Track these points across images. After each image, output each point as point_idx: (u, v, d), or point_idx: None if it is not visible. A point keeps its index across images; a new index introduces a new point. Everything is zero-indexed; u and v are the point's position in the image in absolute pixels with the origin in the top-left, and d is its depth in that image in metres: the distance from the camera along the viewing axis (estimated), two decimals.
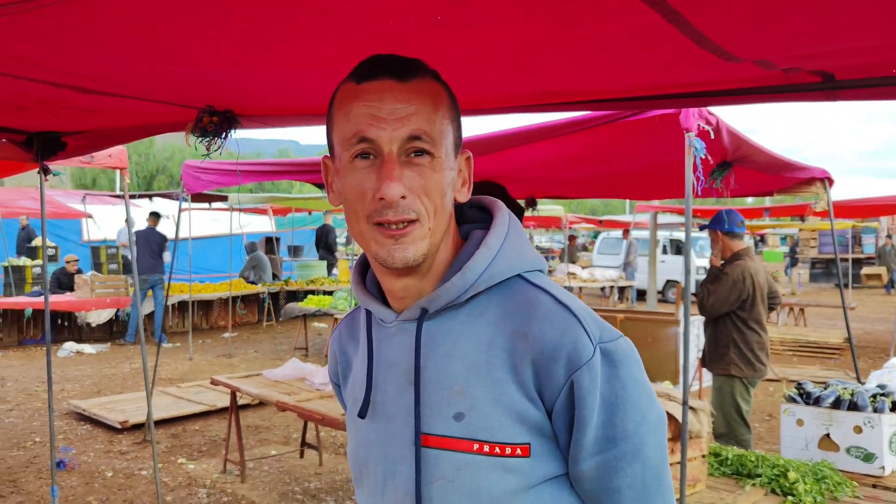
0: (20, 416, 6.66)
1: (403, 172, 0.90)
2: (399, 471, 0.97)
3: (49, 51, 1.73)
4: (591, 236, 39.91)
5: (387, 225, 0.91)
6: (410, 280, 0.97)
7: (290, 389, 4.54)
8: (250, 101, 2.35)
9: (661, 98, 1.97)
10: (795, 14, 1.28)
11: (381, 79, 0.91)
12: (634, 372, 0.92)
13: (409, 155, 0.91)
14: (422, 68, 0.94)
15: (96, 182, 37.94)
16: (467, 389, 0.92)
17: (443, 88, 0.96)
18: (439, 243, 0.96)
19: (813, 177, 4.87)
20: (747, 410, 4.49)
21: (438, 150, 0.92)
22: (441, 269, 0.98)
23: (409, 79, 0.92)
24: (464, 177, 1.00)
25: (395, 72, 0.92)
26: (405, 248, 0.91)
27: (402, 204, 0.90)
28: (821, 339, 10.32)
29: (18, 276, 12.31)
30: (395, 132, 0.90)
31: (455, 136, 0.97)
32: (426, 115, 0.91)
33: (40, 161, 3.44)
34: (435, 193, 0.92)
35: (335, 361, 1.17)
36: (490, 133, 3.89)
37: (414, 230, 0.91)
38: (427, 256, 0.94)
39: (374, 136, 0.90)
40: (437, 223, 0.93)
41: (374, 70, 0.92)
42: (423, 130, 0.90)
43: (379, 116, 0.90)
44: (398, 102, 0.90)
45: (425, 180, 0.91)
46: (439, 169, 0.92)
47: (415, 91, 0.91)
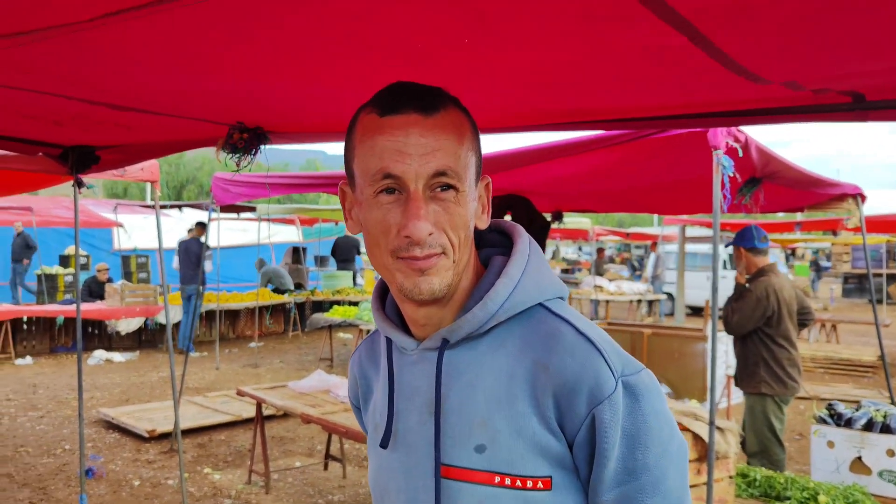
0: (51, 424, 6.77)
1: (429, 207, 0.90)
2: (420, 500, 0.97)
3: (86, 70, 1.78)
4: (618, 248, 39.64)
5: (417, 258, 0.90)
6: (432, 309, 0.97)
7: (314, 401, 4.56)
8: (280, 118, 2.38)
9: (688, 117, 1.96)
10: (823, 36, 1.27)
11: (405, 112, 0.90)
12: (656, 404, 0.92)
13: (433, 190, 0.90)
14: (445, 99, 0.93)
15: (127, 192, 38.58)
16: (489, 421, 0.92)
17: (465, 118, 0.96)
18: (462, 273, 0.96)
19: (844, 193, 4.80)
20: (780, 429, 4.43)
21: (463, 184, 0.91)
22: (462, 297, 0.98)
23: (433, 112, 0.91)
24: (483, 203, 1.00)
25: (419, 105, 0.90)
26: (431, 281, 0.91)
27: (429, 240, 0.90)
28: (853, 356, 10.11)
29: (51, 285, 12.55)
30: (420, 168, 0.89)
31: (477, 166, 0.96)
32: (451, 149, 0.91)
33: (75, 174, 3.52)
34: (460, 227, 0.92)
35: (355, 385, 1.17)
36: (517, 148, 3.90)
37: (440, 262, 0.91)
38: (451, 286, 0.94)
39: (400, 172, 0.89)
40: (461, 255, 0.94)
41: (398, 103, 0.91)
42: (448, 166, 0.90)
43: (404, 152, 0.89)
44: (424, 137, 0.89)
45: (450, 215, 0.91)
46: (464, 203, 0.92)
47: (440, 125, 0.91)
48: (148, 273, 13.65)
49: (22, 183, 4.81)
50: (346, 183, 1.01)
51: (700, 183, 4.07)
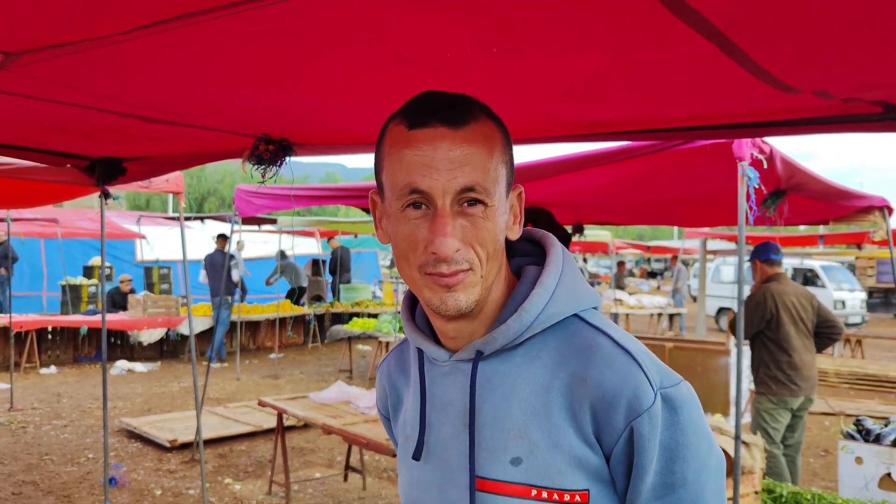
0: (74, 433, 6.83)
1: (456, 223, 0.88)
2: None
3: (117, 83, 1.81)
4: (637, 262, 39.40)
5: (445, 275, 0.89)
6: (462, 323, 0.95)
7: (335, 412, 4.57)
8: (305, 130, 2.40)
9: (715, 128, 1.95)
10: (856, 46, 1.27)
11: (433, 125, 0.87)
12: (695, 417, 0.90)
13: (461, 204, 0.88)
14: (475, 109, 0.91)
15: (150, 203, 39.04)
16: (525, 434, 0.91)
17: (497, 127, 0.93)
18: (491, 286, 0.94)
19: (871, 205, 4.73)
20: (775, 429, 4.51)
21: (492, 198, 0.89)
22: (493, 308, 0.96)
23: (462, 125, 0.88)
24: (515, 213, 0.97)
25: (448, 117, 0.88)
26: (457, 297, 0.89)
27: (456, 256, 0.88)
28: (880, 371, 9.94)
29: (75, 295, 12.70)
30: (448, 183, 0.86)
31: (508, 177, 0.94)
32: (480, 163, 0.88)
33: (101, 186, 3.57)
34: (488, 242, 0.89)
35: (384, 395, 1.15)
36: (538, 160, 3.89)
37: (467, 278, 0.89)
38: (479, 301, 0.92)
39: (427, 187, 0.87)
40: (489, 269, 0.91)
41: (427, 115, 0.88)
42: (476, 181, 0.87)
43: (432, 167, 0.87)
44: (452, 151, 0.87)
45: (478, 230, 0.88)
46: (492, 217, 0.89)
47: (469, 138, 0.88)
48: (170, 284, 13.78)
49: (49, 194, 4.88)
50: (376, 192, 0.99)
51: (722, 195, 4.04)
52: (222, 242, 10.67)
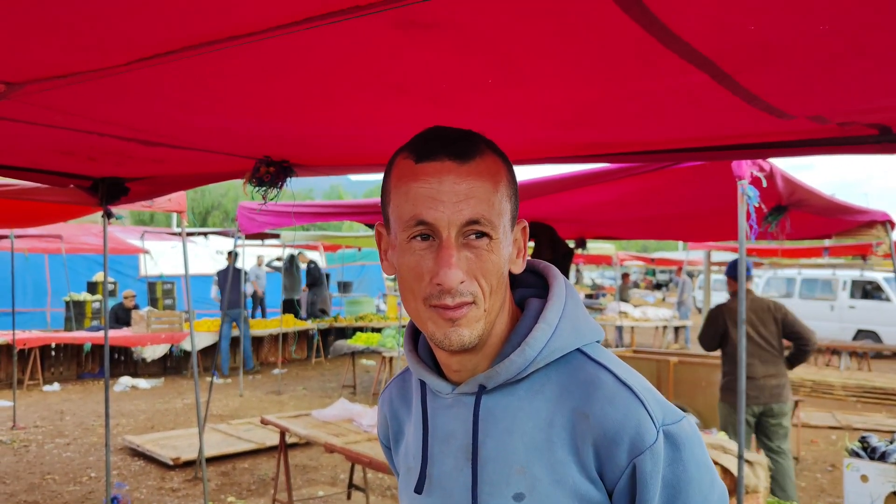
0: (77, 451, 6.83)
1: (461, 255, 0.89)
2: None
3: (120, 110, 1.83)
4: (647, 272, 39.32)
5: (448, 308, 0.89)
6: (465, 357, 0.95)
7: (338, 430, 4.56)
8: (306, 153, 2.42)
9: (712, 150, 1.96)
10: (848, 74, 1.28)
11: (440, 159, 0.90)
12: (697, 453, 0.90)
13: (466, 237, 0.89)
14: (481, 144, 0.92)
15: (154, 219, 39.14)
16: (528, 469, 0.91)
17: (502, 163, 0.94)
18: (495, 319, 0.94)
19: (873, 220, 4.74)
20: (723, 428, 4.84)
21: (497, 231, 0.90)
22: (497, 342, 0.96)
23: (468, 159, 0.90)
24: (519, 246, 0.98)
25: (454, 152, 0.90)
26: (461, 331, 0.90)
27: (461, 288, 0.88)
28: (887, 384, 9.88)
29: (79, 311, 12.73)
30: (453, 216, 0.88)
31: (513, 211, 0.95)
32: (485, 197, 0.89)
33: (104, 205, 3.59)
34: (492, 275, 0.90)
35: (385, 425, 1.16)
36: (541, 178, 3.91)
37: (470, 311, 0.90)
38: (484, 336, 0.92)
39: (433, 219, 0.88)
40: (493, 303, 0.92)
41: (433, 150, 0.90)
42: (481, 214, 0.89)
43: (438, 199, 0.88)
44: (457, 185, 0.89)
45: (483, 263, 0.89)
46: (497, 250, 0.90)
47: (474, 172, 0.90)
48: (173, 299, 13.80)
49: (53, 214, 4.91)
50: (381, 224, 1.01)
51: (726, 211, 4.05)
52: (230, 258, 10.91)
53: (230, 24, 1.11)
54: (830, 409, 9.05)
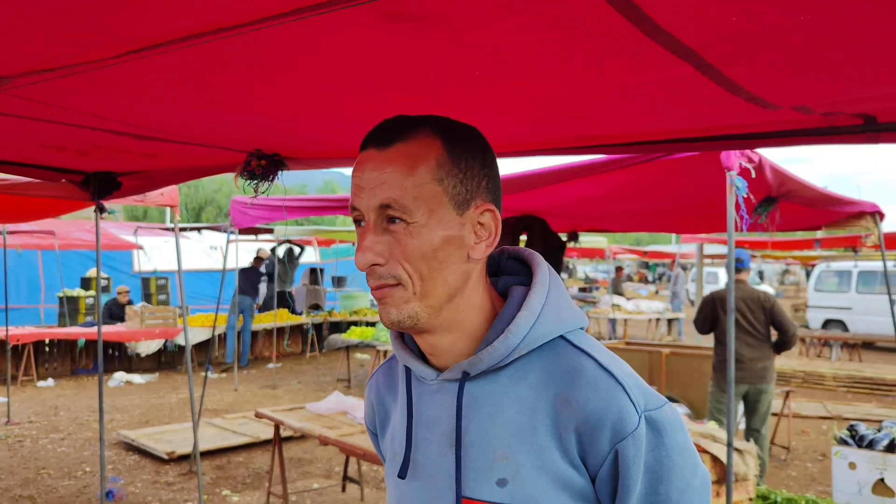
0: (72, 446, 6.83)
1: (382, 239, 0.92)
2: None
3: (111, 103, 1.83)
4: (649, 266, 39.45)
5: (374, 289, 0.93)
6: (429, 338, 0.97)
7: (332, 423, 4.58)
8: (297, 146, 2.43)
9: (699, 140, 1.98)
10: (832, 64, 1.29)
11: (368, 149, 0.94)
12: (679, 439, 0.91)
13: (386, 221, 0.92)
14: (407, 130, 0.93)
15: (147, 214, 39.01)
16: (511, 455, 0.92)
17: (433, 145, 0.93)
18: (444, 307, 0.94)
19: (862, 211, 4.77)
20: (719, 409, 5.25)
21: (412, 215, 0.90)
22: (473, 328, 0.97)
23: (387, 146, 0.92)
24: (479, 232, 0.96)
25: (378, 140, 0.93)
26: (389, 311, 0.92)
27: (379, 271, 0.91)
28: (877, 375, 9.97)
29: (72, 307, 12.70)
30: (369, 201, 0.92)
31: (454, 194, 0.93)
32: (397, 181, 0.90)
33: (97, 200, 3.59)
34: (416, 259, 0.91)
35: (372, 411, 1.17)
36: (532, 170, 3.92)
37: (394, 293, 0.92)
38: (421, 318, 0.93)
39: (357, 205, 0.93)
40: (429, 287, 0.92)
41: (366, 141, 0.95)
42: (391, 199, 0.90)
43: (360, 186, 0.93)
44: (373, 171, 0.91)
45: (403, 247, 0.91)
46: (416, 234, 0.91)
47: (389, 158, 0.91)
48: (167, 295, 13.77)
49: (45, 209, 4.90)
50: None
51: (717, 203, 4.07)
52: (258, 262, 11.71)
53: (218, 16, 1.12)
54: (821, 400, 9.12)
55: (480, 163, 0.97)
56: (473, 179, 0.95)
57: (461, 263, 0.94)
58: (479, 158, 0.97)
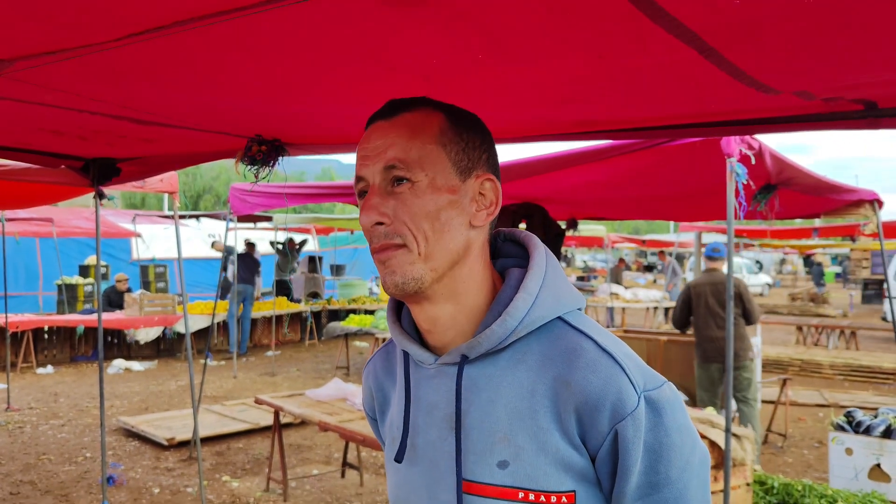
0: (72, 432, 6.86)
1: (387, 202, 0.94)
2: None
3: (109, 88, 1.83)
4: (637, 255, 39.51)
5: (377, 251, 0.94)
6: (429, 308, 0.97)
7: (332, 409, 4.60)
8: (297, 131, 2.42)
9: (700, 126, 1.98)
10: (834, 49, 1.29)
11: (374, 123, 0.98)
12: (678, 418, 0.92)
13: (392, 185, 0.94)
14: (411, 105, 0.98)
15: (145, 202, 38.96)
16: (511, 437, 0.92)
17: (436, 116, 0.98)
18: (447, 273, 0.95)
19: (861, 199, 4.77)
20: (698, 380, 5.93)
21: (417, 175, 0.93)
22: (473, 305, 0.97)
23: (391, 117, 0.96)
24: (480, 201, 0.98)
25: (383, 114, 0.97)
26: (393, 274, 0.93)
27: (383, 230, 0.93)
28: (873, 363, 10.01)
29: (71, 294, 12.70)
30: (374, 166, 0.95)
31: (456, 160, 0.96)
32: (402, 143, 0.94)
33: (96, 186, 3.58)
34: (421, 218, 0.92)
35: (371, 397, 1.17)
36: (532, 157, 3.92)
37: (398, 255, 0.93)
38: (424, 281, 0.94)
39: (363, 173, 0.96)
40: (432, 249, 0.93)
41: (372, 117, 0.99)
42: (397, 158, 0.93)
43: (367, 155, 0.96)
44: (380, 139, 0.95)
45: (408, 207, 0.93)
46: (421, 193, 0.93)
47: (394, 126, 0.96)
48: (166, 282, 13.78)
49: (44, 195, 4.90)
50: None
51: (716, 190, 4.07)
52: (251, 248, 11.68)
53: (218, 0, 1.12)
54: (818, 388, 9.16)
55: (480, 139, 1.00)
56: (475, 151, 0.99)
57: (463, 229, 0.96)
58: (478, 136, 1.00)
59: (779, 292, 29.52)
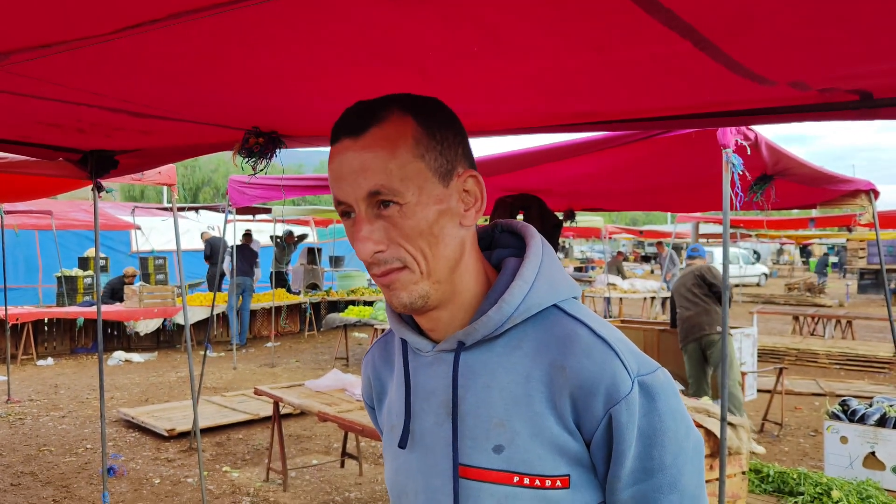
0: (72, 423, 6.88)
1: (377, 226, 0.91)
2: (439, 500, 0.98)
3: (105, 80, 1.84)
4: (634, 245, 39.56)
5: (379, 276, 0.93)
6: (432, 314, 0.98)
7: (331, 400, 4.62)
8: (294, 123, 2.43)
9: (695, 117, 1.99)
10: (828, 39, 1.30)
11: (340, 140, 0.92)
12: (672, 403, 0.93)
13: (378, 208, 0.91)
14: (379, 113, 0.92)
15: (144, 194, 38.91)
16: (507, 422, 0.93)
17: (406, 125, 0.92)
18: (448, 280, 0.96)
19: (857, 189, 4.79)
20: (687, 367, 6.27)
21: (403, 196, 0.90)
22: (469, 298, 0.98)
23: (361, 133, 0.91)
24: (467, 201, 0.97)
25: (349, 129, 0.92)
26: (399, 296, 0.93)
27: (382, 257, 0.92)
28: (869, 352, 10.05)
29: (70, 287, 12.71)
30: (356, 191, 0.91)
31: (436, 167, 0.93)
32: (380, 166, 0.90)
33: (94, 179, 3.59)
34: (416, 237, 0.91)
35: (369, 386, 1.18)
36: (528, 148, 3.93)
37: (402, 276, 0.92)
38: (431, 297, 0.94)
39: (343, 197, 0.92)
40: (433, 265, 0.93)
41: (337, 131, 0.93)
42: (379, 184, 0.90)
43: (342, 178, 0.92)
44: (353, 161, 0.91)
45: (400, 229, 0.91)
46: (411, 214, 0.91)
47: (367, 145, 0.90)
48: (165, 274, 13.78)
49: (42, 188, 4.90)
50: None
51: (712, 181, 4.08)
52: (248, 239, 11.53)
53: None
54: (814, 377, 9.20)
55: (453, 131, 0.97)
56: (451, 149, 0.95)
57: (456, 234, 0.95)
58: (450, 128, 0.97)
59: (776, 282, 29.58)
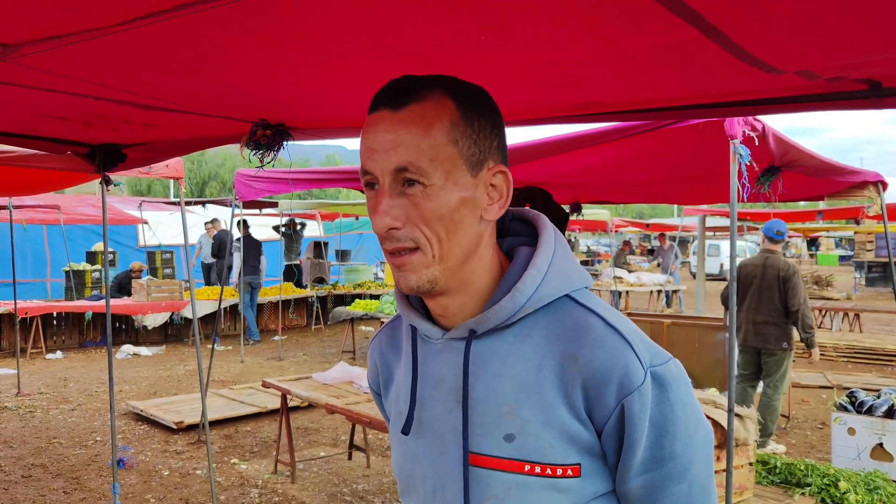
0: (82, 416, 6.93)
1: (398, 202, 0.91)
2: (448, 487, 0.98)
3: (113, 73, 1.84)
4: (640, 239, 39.45)
5: (390, 253, 0.93)
6: (442, 300, 0.98)
7: (338, 392, 4.64)
8: (301, 115, 2.43)
9: (703, 107, 1.98)
10: (836, 27, 1.29)
11: (379, 110, 0.92)
12: (683, 394, 0.93)
13: (403, 185, 0.90)
14: (422, 91, 0.92)
15: (151, 189, 39.02)
16: (517, 411, 0.93)
17: (446, 106, 0.92)
18: (459, 269, 0.95)
19: (865, 180, 4.76)
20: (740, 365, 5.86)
21: (429, 178, 0.90)
22: (482, 287, 0.98)
23: (400, 107, 0.90)
24: (491, 193, 0.96)
25: (389, 101, 0.91)
26: (408, 276, 0.93)
27: (397, 234, 0.91)
28: (877, 345, 10.01)
29: (78, 281, 12.77)
30: (384, 164, 0.90)
31: (468, 155, 0.93)
32: (413, 143, 0.89)
33: (102, 172, 3.60)
34: (434, 222, 0.91)
35: (375, 371, 1.18)
36: (535, 140, 3.92)
37: (413, 258, 0.92)
38: (439, 282, 0.94)
39: (370, 168, 0.91)
40: (447, 250, 0.92)
41: (377, 101, 0.93)
42: (408, 161, 0.89)
43: (372, 149, 0.91)
44: (388, 133, 0.90)
45: (420, 210, 0.90)
46: (433, 197, 0.90)
47: (403, 120, 0.90)
48: (173, 268, 13.84)
49: (51, 181, 4.92)
50: None
51: (719, 173, 4.07)
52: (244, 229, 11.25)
53: None
54: (822, 370, 9.18)
55: (492, 123, 0.96)
56: (486, 140, 0.95)
57: (475, 225, 0.95)
58: (489, 119, 0.96)
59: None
